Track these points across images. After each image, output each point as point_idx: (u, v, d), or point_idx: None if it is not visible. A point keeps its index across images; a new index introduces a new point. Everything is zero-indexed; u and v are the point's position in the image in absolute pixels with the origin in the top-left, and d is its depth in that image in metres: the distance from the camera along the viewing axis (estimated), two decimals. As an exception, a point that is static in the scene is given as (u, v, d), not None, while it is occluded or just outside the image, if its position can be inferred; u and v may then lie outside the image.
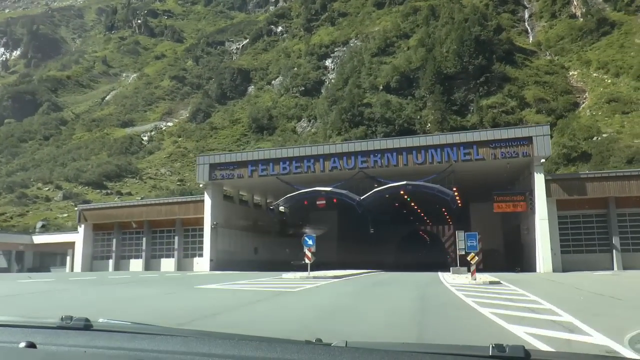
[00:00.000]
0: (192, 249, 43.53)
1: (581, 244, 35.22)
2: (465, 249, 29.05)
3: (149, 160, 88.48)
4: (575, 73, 77.89)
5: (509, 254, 45.07)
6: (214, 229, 40.98)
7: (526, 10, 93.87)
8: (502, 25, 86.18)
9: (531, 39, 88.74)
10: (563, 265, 34.08)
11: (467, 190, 40.78)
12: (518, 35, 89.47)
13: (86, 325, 2.04)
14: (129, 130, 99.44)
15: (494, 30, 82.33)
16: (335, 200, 38.44)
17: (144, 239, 44.53)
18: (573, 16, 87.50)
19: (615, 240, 34.25)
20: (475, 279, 22.41)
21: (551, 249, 33.90)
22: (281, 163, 39.21)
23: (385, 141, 38.60)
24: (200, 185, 42.76)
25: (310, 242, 24.40)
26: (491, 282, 22.00)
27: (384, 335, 7.54)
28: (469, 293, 16.02)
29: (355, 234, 51.81)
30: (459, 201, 43.45)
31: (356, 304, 13.12)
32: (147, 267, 44.01)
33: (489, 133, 36.33)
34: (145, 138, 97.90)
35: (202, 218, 41.27)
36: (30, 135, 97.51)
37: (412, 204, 47.22)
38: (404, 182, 36.18)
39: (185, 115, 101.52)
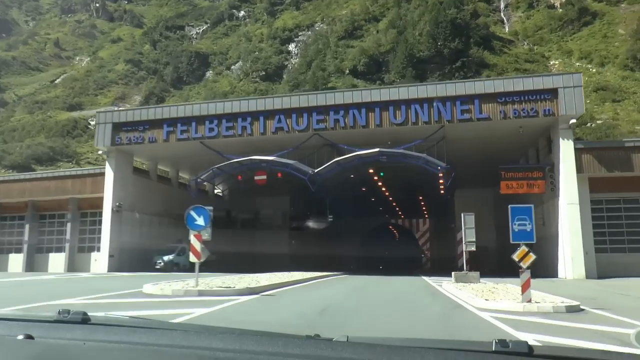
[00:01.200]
0: (90, 240, 30.08)
1: (622, 240, 23.31)
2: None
3: (91, 145, 74.19)
4: (557, 62, 67.46)
5: (505, 253, 32.88)
6: (116, 212, 27.72)
7: (502, 0, 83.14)
8: (479, 11, 75.21)
9: (507, 29, 78.11)
10: (597, 268, 22.20)
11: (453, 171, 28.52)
12: (494, 24, 78.68)
13: (84, 319, 1.85)
14: (75, 114, 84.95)
15: (470, 15, 71.21)
16: (280, 175, 25.75)
17: (27, 226, 30.84)
18: (551, 7, 77.22)
19: (672, 236, 22.54)
20: (530, 301, 9.95)
21: (582, 246, 21.98)
22: (207, 122, 26.25)
23: (351, 93, 25.90)
24: (99, 152, 29.58)
25: (199, 220, 11.48)
26: (570, 309, 9.66)
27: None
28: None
29: (311, 226, 39.20)
30: (442, 187, 31.47)
31: None
32: (30, 265, 30.29)
33: (497, 83, 24.09)
34: (93, 122, 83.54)
35: (103, 198, 28.06)
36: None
37: (384, 189, 34.84)
38: (377, 150, 23.77)
39: (138, 100, 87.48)
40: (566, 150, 22.60)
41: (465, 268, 17.01)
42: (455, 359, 1.43)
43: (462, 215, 16.89)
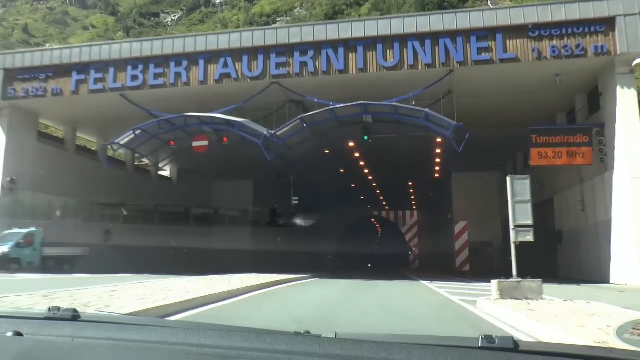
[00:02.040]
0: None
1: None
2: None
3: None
4: (548, 49, 60.39)
5: (518, 250, 25.36)
6: (9, 191, 19.59)
7: (488, -12, 76.23)
8: (466, -4, 68.06)
9: (494, 17, 71.07)
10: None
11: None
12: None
13: (74, 316, 1.75)
14: (39, 101, 75.83)
15: (458, -1, 63.95)
16: (226, 140, 17.86)
17: None
18: (540, -6, 70.35)
19: None
20: None
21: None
22: (129, 68, 18.20)
23: (324, 26, 17.86)
24: (-13, 111, 21.28)
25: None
26: None
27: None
28: None
29: (281, 217, 31.35)
30: (439, 165, 24.01)
31: None
32: None
33: (529, 11, 16.47)
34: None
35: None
36: None
37: (366, 171, 27.14)
38: (359, 102, 16.06)
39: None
40: (627, 102, 15.17)
41: (514, 273, 9.39)
42: (442, 354, 1.35)
43: (508, 179, 9.25)
